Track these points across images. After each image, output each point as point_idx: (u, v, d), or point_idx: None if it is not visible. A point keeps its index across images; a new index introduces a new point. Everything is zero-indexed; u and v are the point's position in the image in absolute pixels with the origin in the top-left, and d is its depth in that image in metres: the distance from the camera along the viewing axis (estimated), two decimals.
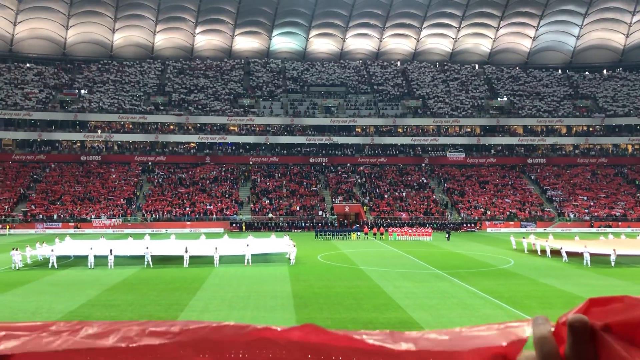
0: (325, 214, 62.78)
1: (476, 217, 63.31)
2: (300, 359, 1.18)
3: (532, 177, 73.11)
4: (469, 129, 78.49)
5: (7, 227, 57.44)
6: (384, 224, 57.71)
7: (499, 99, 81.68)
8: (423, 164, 75.05)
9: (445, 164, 75.05)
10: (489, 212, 64.07)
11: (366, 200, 65.76)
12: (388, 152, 75.90)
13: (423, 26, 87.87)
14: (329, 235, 52.12)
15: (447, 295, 24.37)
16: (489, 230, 61.25)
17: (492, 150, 77.55)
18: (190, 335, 1.19)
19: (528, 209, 65.16)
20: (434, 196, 67.68)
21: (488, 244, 46.82)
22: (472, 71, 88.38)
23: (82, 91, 77.48)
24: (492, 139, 77.17)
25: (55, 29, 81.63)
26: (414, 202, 65.98)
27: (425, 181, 71.31)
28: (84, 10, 79.85)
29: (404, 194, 67.71)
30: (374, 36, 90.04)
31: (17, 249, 32.94)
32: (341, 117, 76.55)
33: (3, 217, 59.16)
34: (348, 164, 74.42)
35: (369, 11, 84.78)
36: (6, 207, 60.83)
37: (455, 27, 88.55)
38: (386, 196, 67.08)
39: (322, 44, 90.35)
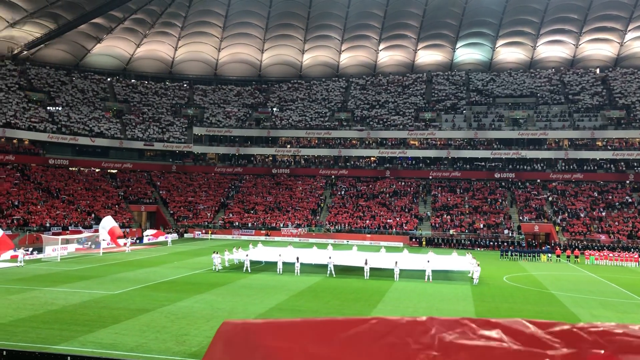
0: (512, 233, 59.11)
1: None
2: None
3: None
4: None
5: (209, 232, 63.89)
6: (580, 246, 52.47)
7: None
8: (627, 181, 66.90)
9: None
10: None
11: (558, 220, 60.53)
12: (585, 167, 69.14)
13: (628, 28, 78.89)
14: (515, 255, 48.82)
15: None
16: None
17: None
18: None
19: None
20: None
21: None
22: None
23: (274, 109, 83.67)
24: None
25: (252, 53, 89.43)
26: (616, 223, 59.02)
27: (629, 200, 63.48)
28: (278, 34, 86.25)
29: (603, 213, 61.00)
30: (568, 42, 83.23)
31: (217, 253, 36.33)
32: (530, 130, 71.74)
33: (206, 223, 65.97)
34: (538, 180, 69.36)
35: (563, 16, 78.59)
36: (209, 214, 67.78)
37: None
38: (582, 215, 61.05)
39: (509, 53, 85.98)
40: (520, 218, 61.85)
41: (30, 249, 42.15)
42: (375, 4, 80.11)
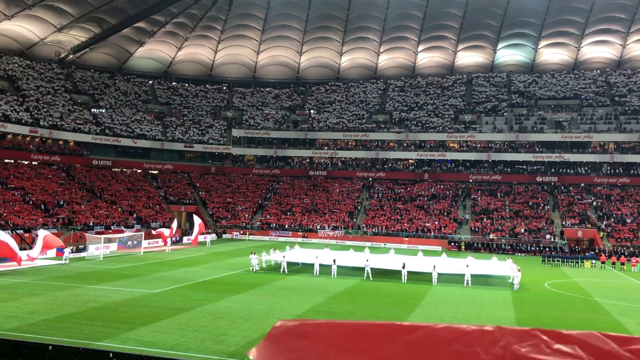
0: (554, 238, 57.62)
1: None
2: None
3: None
4: None
5: (247, 233, 64.45)
6: (626, 253, 50.75)
7: None
8: None
9: None
10: None
11: (603, 225, 58.69)
12: (632, 171, 66.86)
13: None
14: (557, 261, 47.56)
15: None
16: None
17: None
18: None
19: None
20: None
21: None
22: None
23: (312, 111, 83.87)
24: None
25: (290, 56, 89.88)
26: None
27: None
28: (316, 37, 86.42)
29: None
30: (615, 43, 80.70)
31: (254, 254, 36.58)
32: (574, 133, 69.84)
33: (244, 224, 66.56)
34: (582, 184, 67.44)
35: (610, 16, 76.21)
36: (247, 215, 68.37)
37: None
38: (629, 221, 59.03)
39: (552, 54, 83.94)
40: (563, 223, 60.25)
41: (71, 249, 43.33)
42: (414, 5, 79.44)
